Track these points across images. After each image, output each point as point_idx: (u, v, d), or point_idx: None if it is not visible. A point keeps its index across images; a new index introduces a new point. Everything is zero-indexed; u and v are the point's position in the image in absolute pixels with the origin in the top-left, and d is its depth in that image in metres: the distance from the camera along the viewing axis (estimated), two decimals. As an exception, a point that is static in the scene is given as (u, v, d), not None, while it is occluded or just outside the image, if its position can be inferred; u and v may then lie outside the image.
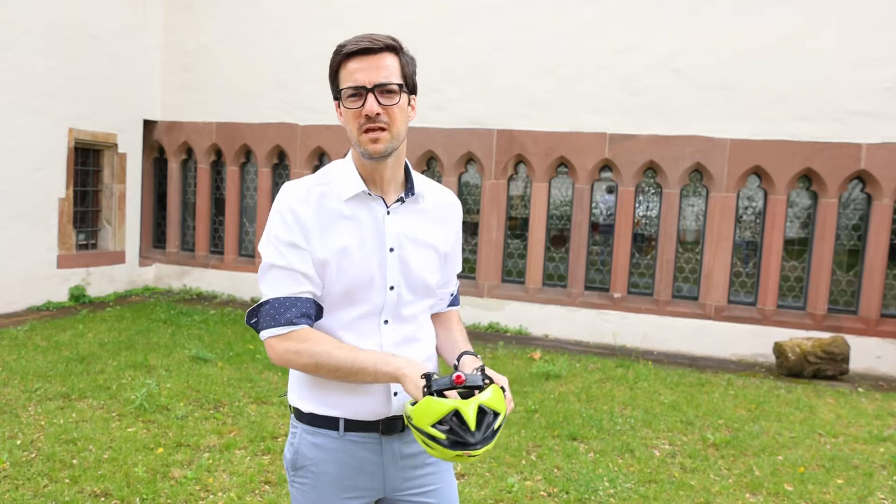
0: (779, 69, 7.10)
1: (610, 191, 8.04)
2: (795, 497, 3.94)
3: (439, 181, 7.15)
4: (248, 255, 9.44)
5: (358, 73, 1.52)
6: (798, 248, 7.49)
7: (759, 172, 7.41)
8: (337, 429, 1.64)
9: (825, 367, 6.57)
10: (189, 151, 9.64)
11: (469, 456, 1.41)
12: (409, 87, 1.60)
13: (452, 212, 1.79)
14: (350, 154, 1.67)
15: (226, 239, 9.41)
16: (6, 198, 7.55)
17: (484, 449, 1.41)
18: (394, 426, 1.65)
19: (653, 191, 7.90)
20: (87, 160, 8.79)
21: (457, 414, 1.40)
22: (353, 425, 1.64)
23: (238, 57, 9.05)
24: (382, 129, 1.54)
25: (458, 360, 1.71)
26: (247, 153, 9.35)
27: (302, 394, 1.68)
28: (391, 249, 1.63)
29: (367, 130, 1.54)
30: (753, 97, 7.20)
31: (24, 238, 7.79)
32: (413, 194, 1.67)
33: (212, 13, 9.18)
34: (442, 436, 1.40)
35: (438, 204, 1.75)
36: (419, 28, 7.99)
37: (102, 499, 3.51)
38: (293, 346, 1.54)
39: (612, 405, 5.45)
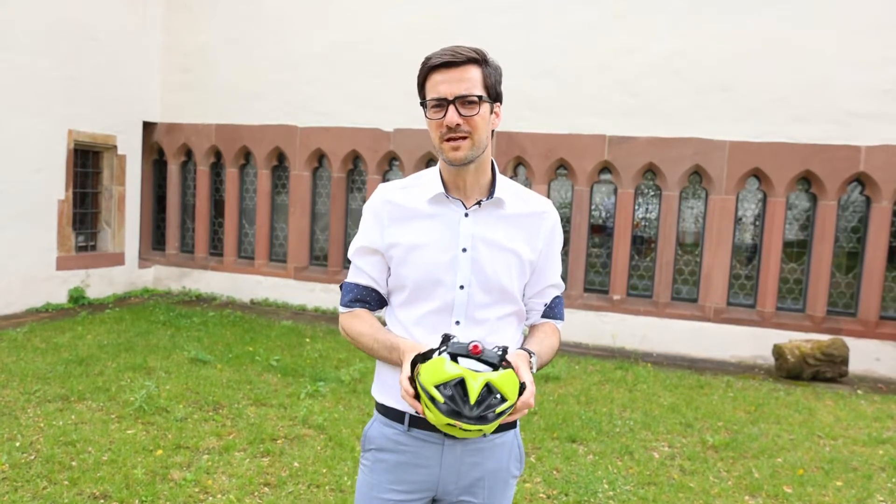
0: (778, 70, 7.11)
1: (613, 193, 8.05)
2: (794, 499, 3.94)
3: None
4: (247, 257, 9.44)
5: (441, 85, 1.60)
6: (797, 251, 7.50)
7: (758, 174, 7.42)
8: (403, 423, 1.72)
9: (824, 370, 6.58)
10: (188, 153, 9.65)
11: (461, 429, 1.40)
12: (492, 96, 1.66)
13: (543, 220, 1.79)
14: (439, 161, 1.76)
15: (225, 241, 9.41)
16: (5, 199, 7.55)
17: (477, 428, 1.40)
18: None
19: (652, 193, 7.91)
20: (87, 162, 8.79)
21: (462, 383, 1.39)
22: (418, 422, 1.70)
23: (237, 58, 9.06)
24: (464, 138, 1.61)
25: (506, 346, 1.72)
26: (246, 155, 9.35)
27: (378, 384, 1.80)
28: (464, 250, 1.69)
29: (448, 139, 1.62)
30: (753, 99, 7.21)
31: (23, 240, 7.78)
32: (492, 198, 1.71)
33: (211, 14, 9.19)
34: (441, 399, 1.39)
35: (525, 211, 1.77)
36: (419, 29, 8.00)
37: (102, 501, 3.51)
38: (344, 323, 1.79)
39: (611, 407, 5.45)
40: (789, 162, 7.18)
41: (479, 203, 1.71)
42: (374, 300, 1.79)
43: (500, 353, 1.46)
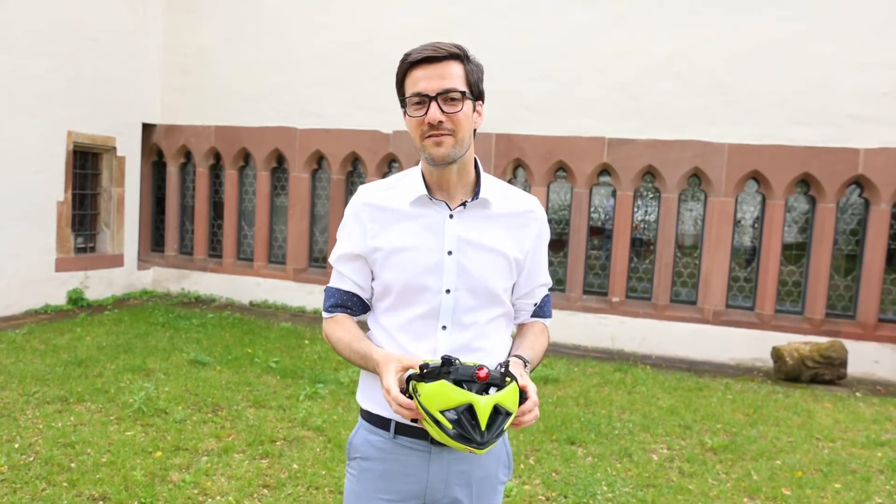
0: (777, 73, 7.12)
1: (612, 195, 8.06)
2: (793, 501, 3.94)
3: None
4: (246, 259, 9.44)
5: (422, 81, 1.55)
6: (796, 253, 7.51)
7: (757, 177, 7.42)
8: (388, 430, 1.68)
9: (823, 372, 6.58)
10: (188, 155, 9.65)
11: (470, 451, 1.39)
12: (475, 94, 1.61)
13: (530, 219, 1.74)
14: (421, 162, 1.70)
15: (224, 242, 9.41)
16: (5, 200, 7.54)
17: (488, 449, 1.38)
18: None
19: (651, 195, 7.91)
20: (86, 163, 8.79)
21: (470, 408, 1.35)
22: (404, 429, 1.66)
23: (237, 60, 9.06)
24: (446, 135, 1.56)
25: (507, 359, 1.67)
26: (245, 157, 9.35)
27: (363, 391, 1.76)
28: (449, 252, 1.63)
29: (430, 136, 1.56)
30: (752, 101, 7.22)
31: (22, 241, 7.78)
32: (477, 198, 1.66)
33: (211, 16, 9.19)
34: (449, 425, 1.36)
35: (512, 210, 1.71)
36: (419, 31, 7.93)
37: (101, 502, 3.51)
38: (325, 329, 1.75)
39: (610, 409, 5.45)
40: (788, 164, 7.19)
41: (463, 204, 1.65)
42: (355, 305, 1.74)
43: (502, 370, 1.42)
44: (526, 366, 1.62)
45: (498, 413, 1.38)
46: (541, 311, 1.84)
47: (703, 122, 7.39)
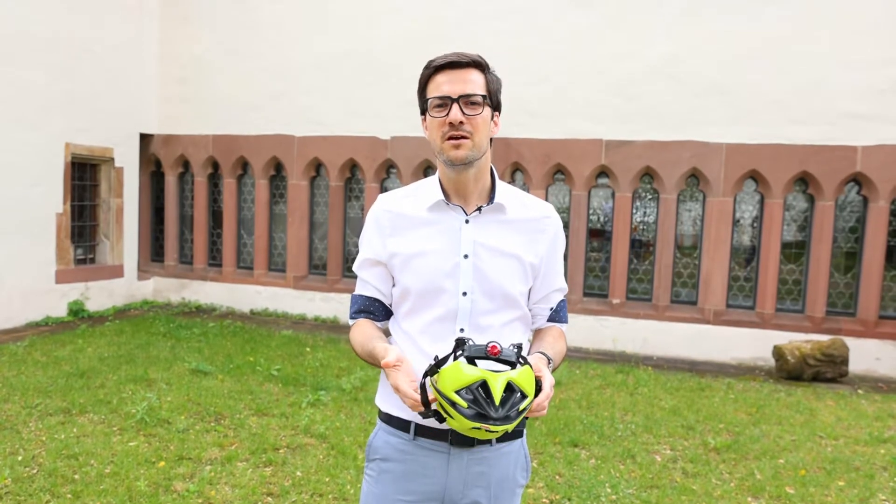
0: (774, 73, 7.14)
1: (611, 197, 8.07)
2: (797, 500, 3.94)
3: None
4: (246, 268, 9.45)
5: (445, 85, 1.63)
6: (796, 252, 7.52)
7: (755, 176, 7.44)
8: (408, 432, 1.72)
9: (825, 370, 6.58)
10: (186, 164, 9.66)
11: (487, 431, 1.40)
12: (493, 103, 1.67)
13: (545, 225, 1.80)
14: (438, 168, 1.76)
15: (224, 251, 9.41)
16: (4, 213, 7.55)
17: (503, 428, 1.40)
18: (465, 439, 1.68)
19: (650, 196, 7.93)
20: (85, 175, 8.81)
21: (484, 385, 1.39)
22: (424, 431, 1.70)
23: (234, 69, 9.08)
24: (465, 137, 1.62)
25: (532, 353, 1.72)
26: (244, 165, 9.37)
27: (382, 394, 1.80)
28: (465, 256, 1.69)
29: (449, 138, 1.62)
30: (749, 101, 7.24)
31: (22, 253, 7.78)
32: (492, 203, 1.72)
33: (207, 25, 9.21)
34: (464, 404, 1.39)
35: (527, 216, 1.78)
36: (415, 37, 8.03)
37: (104, 514, 3.51)
38: (350, 334, 1.80)
39: (612, 411, 5.45)
40: (786, 163, 7.21)
41: (479, 209, 1.71)
42: (378, 311, 1.80)
43: (516, 350, 1.46)
44: (549, 363, 1.65)
45: (512, 390, 1.40)
46: (557, 315, 1.88)
47: (700, 123, 7.41)
